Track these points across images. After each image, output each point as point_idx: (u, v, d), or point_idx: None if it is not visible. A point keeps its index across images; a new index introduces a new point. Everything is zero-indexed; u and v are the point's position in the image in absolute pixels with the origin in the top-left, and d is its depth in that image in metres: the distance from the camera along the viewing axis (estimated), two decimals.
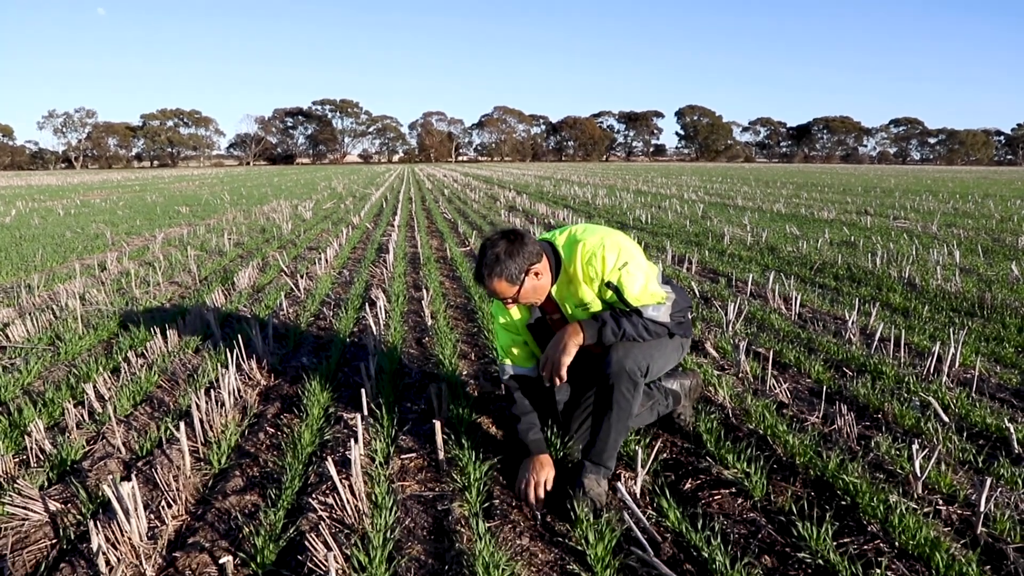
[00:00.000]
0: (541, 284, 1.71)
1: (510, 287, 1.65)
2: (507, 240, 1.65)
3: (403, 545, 1.55)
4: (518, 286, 1.66)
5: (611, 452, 1.75)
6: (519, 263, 1.64)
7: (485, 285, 1.66)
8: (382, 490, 1.77)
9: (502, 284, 1.64)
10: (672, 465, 1.97)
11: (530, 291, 1.70)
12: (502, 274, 1.63)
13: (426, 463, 2.00)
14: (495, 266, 1.63)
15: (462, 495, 1.77)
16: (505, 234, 1.67)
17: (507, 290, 1.65)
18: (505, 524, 1.65)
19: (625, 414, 1.73)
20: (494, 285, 1.64)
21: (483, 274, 1.64)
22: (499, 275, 1.63)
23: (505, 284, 1.64)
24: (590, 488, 1.71)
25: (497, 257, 1.63)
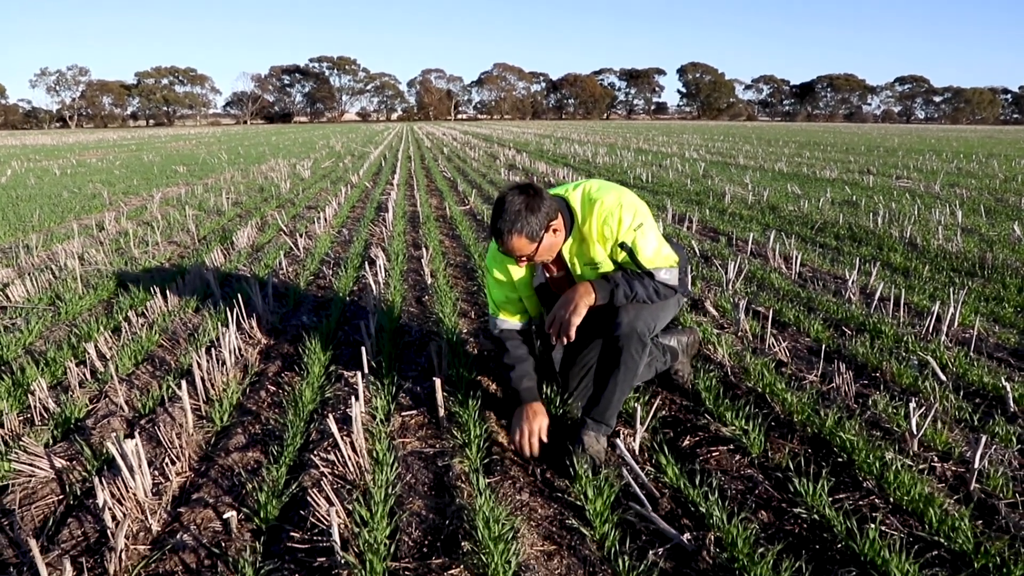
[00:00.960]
0: (557, 241, 1.65)
1: (529, 244, 1.58)
2: (526, 195, 1.57)
3: (404, 500, 1.56)
4: (537, 243, 1.59)
5: (613, 410, 1.74)
6: (539, 219, 1.56)
7: (503, 242, 1.57)
8: (383, 447, 1.76)
9: (521, 240, 1.56)
10: (671, 422, 1.97)
11: (547, 248, 1.63)
12: (523, 230, 1.55)
13: (426, 420, 1.99)
14: (516, 221, 1.54)
15: (462, 451, 1.76)
16: (523, 189, 1.58)
17: (526, 247, 1.58)
18: (505, 480, 1.65)
19: (632, 374, 1.72)
20: (513, 242, 1.56)
21: (502, 230, 1.55)
22: (520, 231, 1.55)
23: (525, 240, 1.57)
24: (590, 445, 1.70)
25: (518, 212, 1.54)
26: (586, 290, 1.64)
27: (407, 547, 1.39)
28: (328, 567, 1.33)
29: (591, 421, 1.74)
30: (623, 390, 1.72)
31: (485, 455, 1.76)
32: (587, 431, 1.73)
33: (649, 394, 2.13)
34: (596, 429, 1.73)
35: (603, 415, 1.73)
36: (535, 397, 1.80)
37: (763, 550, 1.35)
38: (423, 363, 2.45)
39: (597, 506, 1.49)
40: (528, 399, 1.79)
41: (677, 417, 1.99)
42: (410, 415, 2.02)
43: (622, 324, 1.65)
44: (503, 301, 1.84)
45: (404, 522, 1.47)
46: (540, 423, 1.74)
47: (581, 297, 1.63)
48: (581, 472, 1.62)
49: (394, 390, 2.16)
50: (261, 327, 2.82)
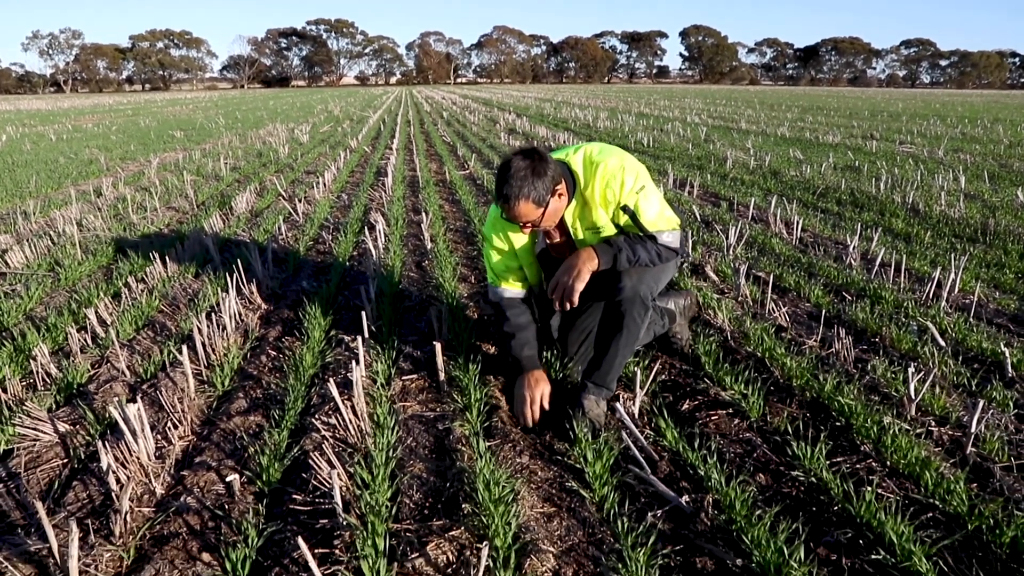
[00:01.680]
0: (562, 205, 1.62)
1: (536, 209, 1.54)
2: (531, 159, 1.52)
3: (405, 463, 1.56)
4: (544, 208, 1.55)
5: (614, 374, 1.73)
6: (546, 183, 1.52)
7: (510, 208, 1.53)
8: (384, 410, 1.76)
9: (528, 206, 1.52)
10: (671, 386, 1.96)
11: (552, 213, 1.60)
12: (529, 195, 1.51)
13: (427, 384, 1.98)
14: (523, 186, 1.50)
15: (463, 415, 1.75)
16: (527, 153, 1.54)
17: (532, 212, 1.54)
18: (505, 443, 1.64)
19: (633, 338, 1.70)
20: (520, 208, 1.52)
21: (508, 195, 1.51)
22: (526, 196, 1.51)
23: (532, 206, 1.53)
24: (590, 409, 1.69)
25: (524, 177, 1.50)
26: (589, 255, 1.61)
27: (408, 509, 1.39)
28: (330, 528, 1.33)
29: (592, 385, 1.73)
30: (624, 354, 1.71)
31: (485, 419, 1.75)
32: (587, 395, 1.72)
33: (649, 358, 2.12)
34: (597, 393, 1.72)
35: (604, 379, 1.72)
36: (536, 365, 1.79)
37: (761, 512, 1.34)
38: (423, 328, 2.43)
39: (597, 469, 1.49)
40: (529, 367, 1.78)
41: (677, 381, 1.99)
42: (410, 379, 2.01)
43: (625, 288, 1.62)
44: (503, 270, 1.82)
45: (405, 485, 1.47)
46: (542, 390, 1.73)
47: (584, 263, 1.60)
48: (581, 436, 1.61)
49: (394, 354, 2.15)
50: (261, 292, 2.78)
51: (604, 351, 1.71)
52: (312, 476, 1.48)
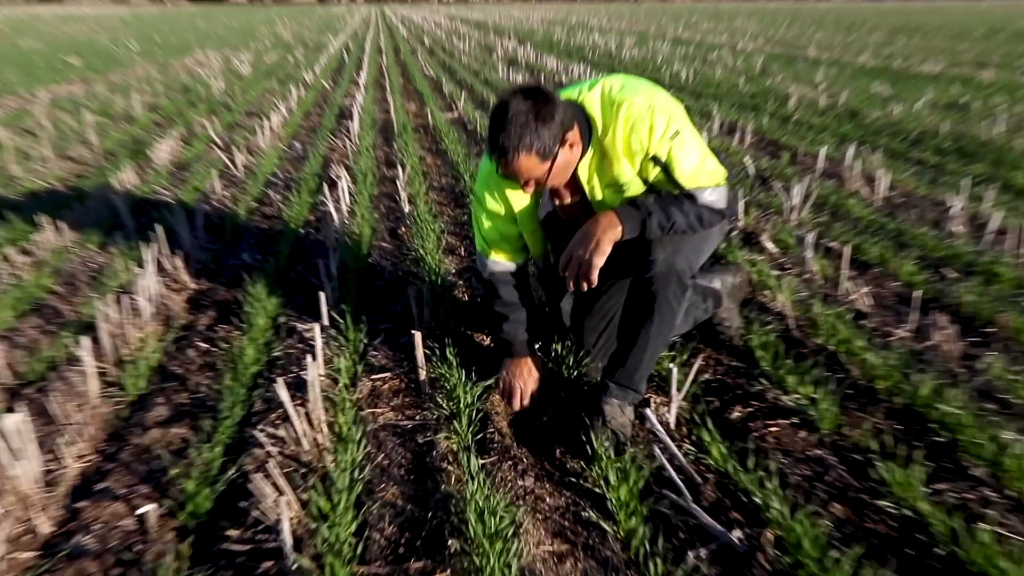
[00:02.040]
0: (573, 158, 1.62)
1: (540, 163, 1.53)
2: (534, 100, 1.50)
3: (375, 487, 1.55)
4: (550, 161, 1.54)
5: (644, 372, 1.73)
6: (553, 130, 1.50)
7: (507, 162, 1.52)
8: (348, 419, 1.75)
9: (531, 160, 1.51)
10: (716, 388, 1.95)
11: (561, 168, 1.59)
12: (532, 146, 1.49)
13: (403, 385, 1.98)
14: (524, 135, 1.48)
15: (449, 424, 1.75)
16: (530, 92, 1.51)
17: (535, 168, 1.53)
18: (504, 460, 1.63)
19: (668, 326, 1.69)
20: (520, 162, 1.51)
21: (506, 147, 1.49)
22: (528, 147, 1.49)
23: (535, 159, 1.51)
24: (612, 416, 1.70)
25: (526, 123, 1.48)
26: (610, 221, 1.59)
27: (378, 547, 1.37)
28: (277, 574, 1.30)
29: (614, 386, 1.73)
30: (656, 346, 1.70)
31: (478, 429, 1.74)
32: (609, 399, 1.72)
33: (688, 352, 2.10)
34: (621, 396, 1.72)
35: (630, 378, 1.72)
36: (526, 352, 1.89)
37: (837, 554, 1.31)
38: (399, 312, 2.42)
39: (622, 494, 1.47)
40: (521, 353, 1.87)
41: (724, 382, 1.98)
42: (382, 379, 2.00)
43: (657, 262, 1.61)
44: (497, 238, 1.83)
45: (375, 515, 1.45)
46: (531, 385, 1.86)
47: (604, 230, 1.58)
48: (601, 451, 1.60)
49: (362, 347, 2.12)
50: (189, 268, 2.78)
51: (630, 343, 1.70)
52: (253, 505, 1.46)
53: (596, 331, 1.97)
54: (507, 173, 1.55)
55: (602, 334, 1.96)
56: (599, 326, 1.96)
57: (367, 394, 1.94)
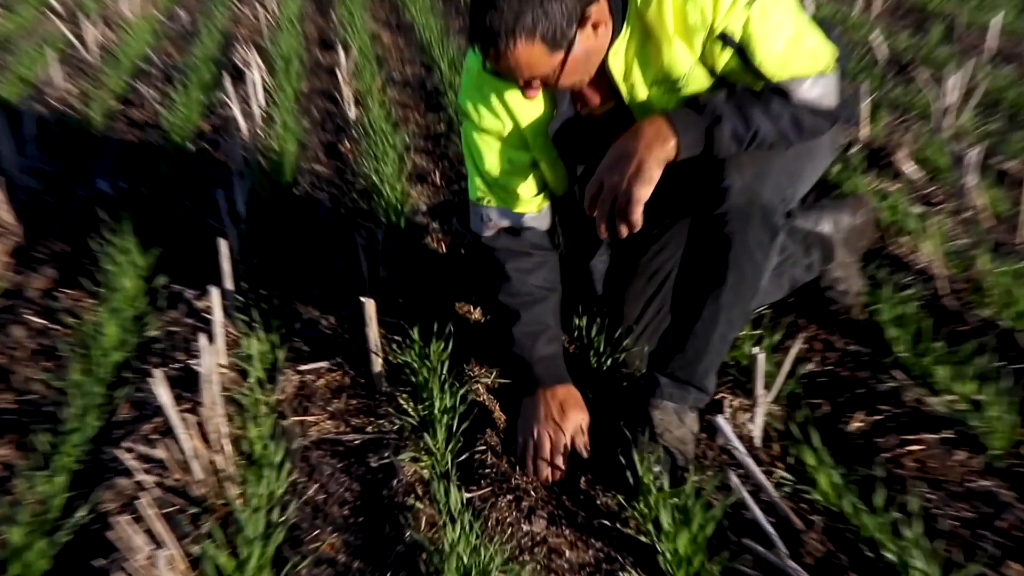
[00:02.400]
0: (599, 45, 1.58)
1: (549, 54, 1.50)
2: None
3: (304, 535, 1.49)
4: (564, 51, 1.51)
5: (712, 362, 1.71)
6: (567, 5, 1.47)
7: (500, 54, 1.51)
8: (263, 431, 1.69)
9: (534, 50, 1.48)
10: (825, 385, 1.92)
11: (581, 60, 1.56)
12: (536, 29, 1.45)
13: (348, 380, 1.97)
14: (524, 13, 1.44)
15: (418, 439, 1.72)
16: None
17: (542, 61, 1.51)
18: (501, 494, 1.58)
19: (748, 290, 1.65)
20: (519, 53, 1.49)
21: (496, 32, 1.47)
22: (531, 31, 1.46)
23: (541, 49, 1.48)
24: (665, 428, 1.68)
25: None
26: (658, 132, 1.53)
27: None
28: None
29: (668, 383, 1.71)
30: (731, 323, 1.67)
31: (462, 446, 1.71)
32: (660, 401, 1.71)
33: (783, 330, 2.05)
34: (678, 397, 1.72)
35: (692, 371, 1.70)
36: (559, 374, 1.81)
37: None
38: (341, 270, 2.39)
39: (680, 546, 1.39)
40: (548, 378, 1.80)
41: (837, 376, 1.94)
42: (316, 371, 1.98)
43: (733, 192, 1.54)
44: (501, 176, 1.82)
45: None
46: (574, 423, 1.75)
47: (650, 147, 1.53)
48: (648, 480, 1.51)
49: (285, 324, 2.11)
50: (11, 202, 2.69)
51: (692, 317, 1.68)
52: (116, 565, 1.38)
53: (641, 300, 1.97)
54: (500, 69, 1.51)
55: (649, 304, 1.96)
56: (645, 292, 1.96)
57: (293, 394, 1.91)
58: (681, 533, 1.41)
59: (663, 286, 1.94)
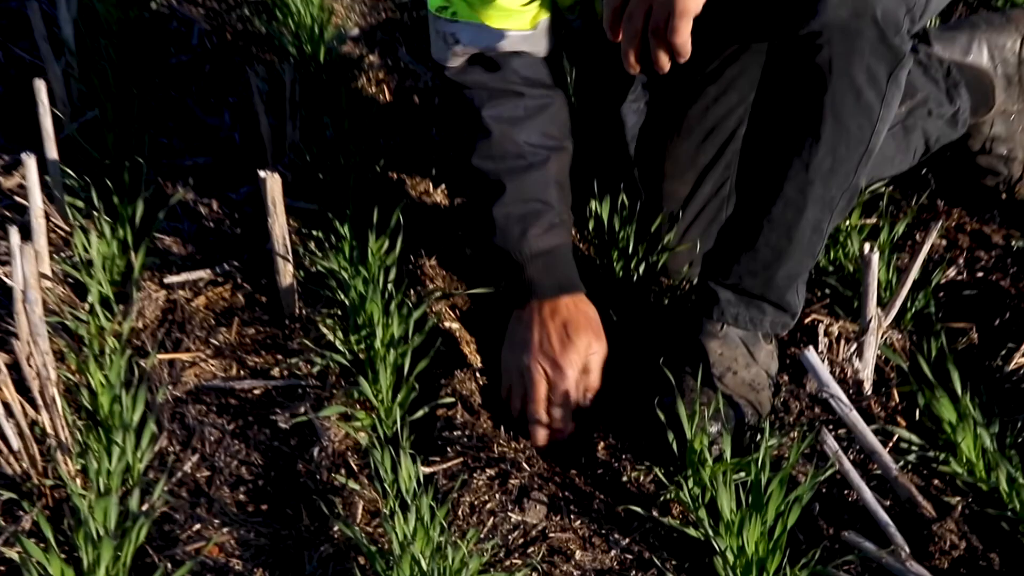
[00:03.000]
0: None
1: None
2: None
3: (180, 530, 1.46)
4: None
5: (797, 264, 1.60)
6: None
7: None
8: (112, 376, 1.60)
9: None
10: (972, 302, 1.84)
11: None
12: None
13: (242, 298, 1.88)
14: None
15: (350, 388, 1.64)
16: None
17: None
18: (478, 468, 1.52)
19: (854, 154, 1.54)
20: None
21: None
22: None
23: None
24: (726, 365, 1.61)
25: None
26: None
27: None
28: None
29: (731, 296, 1.64)
30: (827, 203, 1.58)
31: (418, 399, 1.62)
32: (718, 326, 1.64)
33: (909, 217, 1.96)
34: (747, 319, 1.64)
35: (767, 279, 1.62)
36: (567, 280, 1.72)
37: None
38: (226, 128, 2.30)
39: (749, 542, 1.33)
40: (547, 286, 1.71)
41: (992, 286, 1.87)
42: (193, 284, 1.90)
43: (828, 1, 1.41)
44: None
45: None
46: (580, 355, 1.68)
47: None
48: (700, 445, 1.45)
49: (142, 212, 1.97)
50: None
51: (768, 196, 1.59)
52: None
53: (692, 171, 1.86)
54: None
55: (705, 178, 1.85)
56: (698, 160, 1.85)
57: (157, 320, 1.82)
58: (750, 524, 1.34)
59: (724, 149, 1.86)
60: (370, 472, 1.55)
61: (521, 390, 1.72)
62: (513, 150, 1.75)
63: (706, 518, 1.46)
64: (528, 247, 1.74)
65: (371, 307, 1.74)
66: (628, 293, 1.86)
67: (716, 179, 1.90)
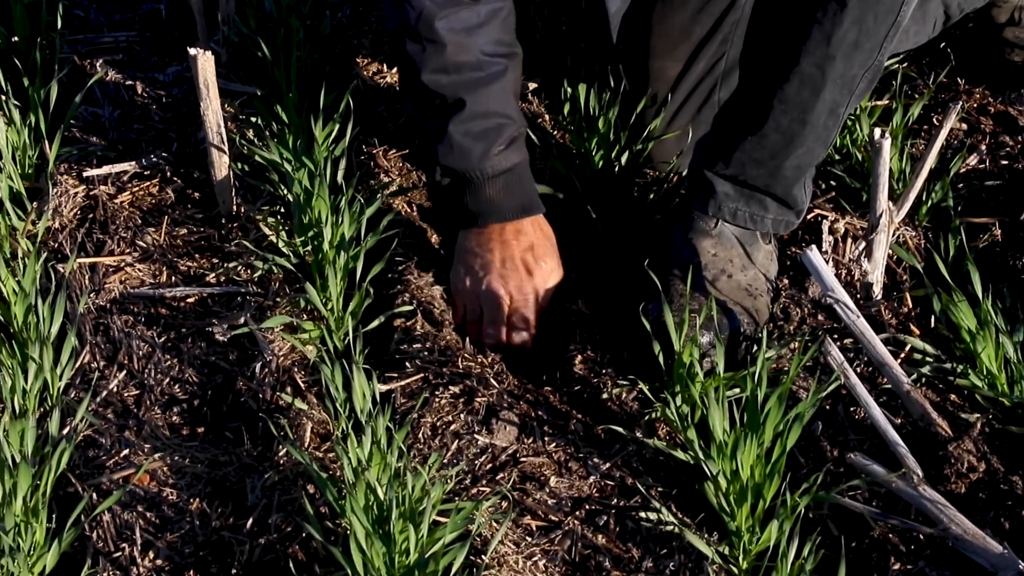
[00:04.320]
0: None
1: None
2: None
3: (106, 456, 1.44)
4: None
5: (807, 154, 1.57)
6: None
7: None
8: (25, 282, 1.61)
9: None
10: (995, 194, 1.82)
11: None
12: None
13: (172, 194, 1.86)
14: None
15: (295, 295, 1.63)
16: None
17: None
18: (440, 384, 1.52)
19: (881, 22, 1.50)
20: None
21: None
22: None
23: None
24: (720, 267, 1.61)
25: None
26: None
27: None
28: None
29: (728, 188, 1.61)
30: (847, 83, 1.55)
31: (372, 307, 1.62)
32: (712, 221, 1.62)
33: (925, 98, 1.94)
34: (747, 215, 1.61)
35: (773, 169, 1.59)
36: (529, 200, 1.72)
37: None
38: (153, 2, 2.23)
39: (744, 466, 1.34)
40: (510, 206, 1.72)
41: (1018, 175, 1.84)
42: (117, 178, 1.87)
43: None
44: None
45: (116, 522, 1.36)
46: (544, 280, 1.70)
47: None
48: (690, 357, 1.44)
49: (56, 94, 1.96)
50: None
51: (776, 73, 1.55)
52: None
53: (683, 48, 1.83)
54: None
55: (697, 55, 1.81)
56: (690, 33, 1.81)
57: (76, 219, 1.79)
58: (745, 445, 1.31)
59: (723, 21, 1.81)
60: (319, 390, 1.52)
61: (478, 314, 1.73)
62: (470, 61, 1.73)
63: (696, 439, 1.41)
64: (490, 166, 1.72)
65: (318, 204, 1.69)
66: (609, 187, 1.82)
67: (711, 55, 1.86)
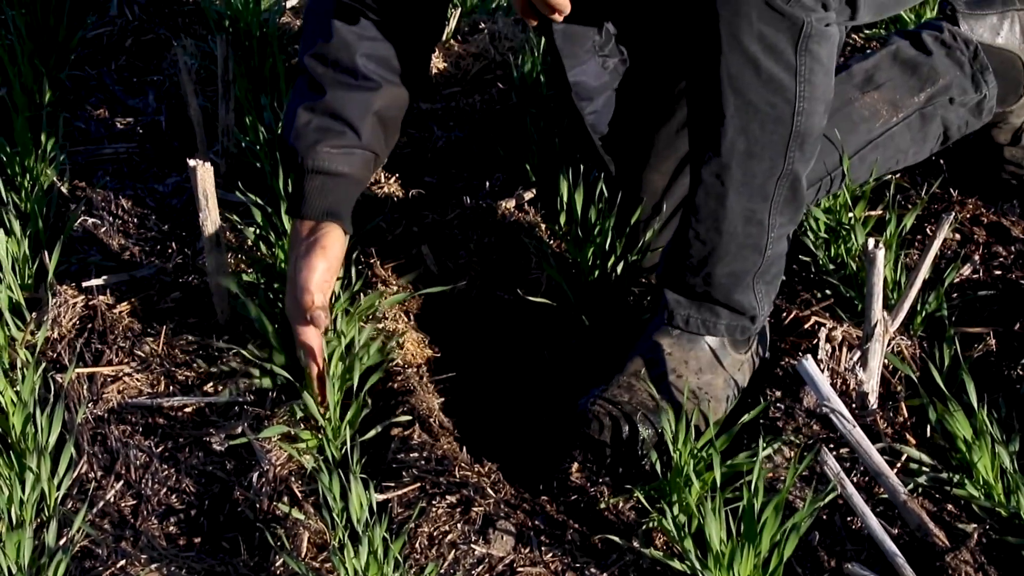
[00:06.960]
0: None
1: None
2: None
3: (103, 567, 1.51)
4: None
5: (737, 261, 1.65)
6: None
7: None
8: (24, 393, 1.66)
9: None
10: (990, 304, 1.86)
11: None
12: None
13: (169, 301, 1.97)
14: None
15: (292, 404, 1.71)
16: None
17: None
18: (437, 494, 1.57)
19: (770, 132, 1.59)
20: None
21: None
22: None
23: None
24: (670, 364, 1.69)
25: None
26: None
27: None
28: None
29: (678, 298, 1.75)
30: (752, 189, 1.64)
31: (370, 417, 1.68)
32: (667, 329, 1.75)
33: (919, 209, 1.99)
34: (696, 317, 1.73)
35: (705, 277, 1.69)
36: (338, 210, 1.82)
37: None
38: (150, 110, 2.38)
39: (744, 573, 1.41)
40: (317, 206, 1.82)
41: (1013, 285, 1.89)
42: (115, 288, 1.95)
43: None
44: None
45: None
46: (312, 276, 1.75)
47: None
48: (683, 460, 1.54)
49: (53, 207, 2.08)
50: None
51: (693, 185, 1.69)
52: None
53: (671, 159, 1.94)
54: None
55: (684, 167, 1.88)
56: (676, 148, 1.91)
57: (74, 328, 1.83)
58: (742, 555, 1.38)
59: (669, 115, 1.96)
60: (316, 500, 1.54)
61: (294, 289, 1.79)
62: (347, 63, 1.84)
63: (693, 548, 1.46)
64: (313, 160, 1.82)
65: None
66: (605, 295, 1.92)
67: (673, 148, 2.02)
